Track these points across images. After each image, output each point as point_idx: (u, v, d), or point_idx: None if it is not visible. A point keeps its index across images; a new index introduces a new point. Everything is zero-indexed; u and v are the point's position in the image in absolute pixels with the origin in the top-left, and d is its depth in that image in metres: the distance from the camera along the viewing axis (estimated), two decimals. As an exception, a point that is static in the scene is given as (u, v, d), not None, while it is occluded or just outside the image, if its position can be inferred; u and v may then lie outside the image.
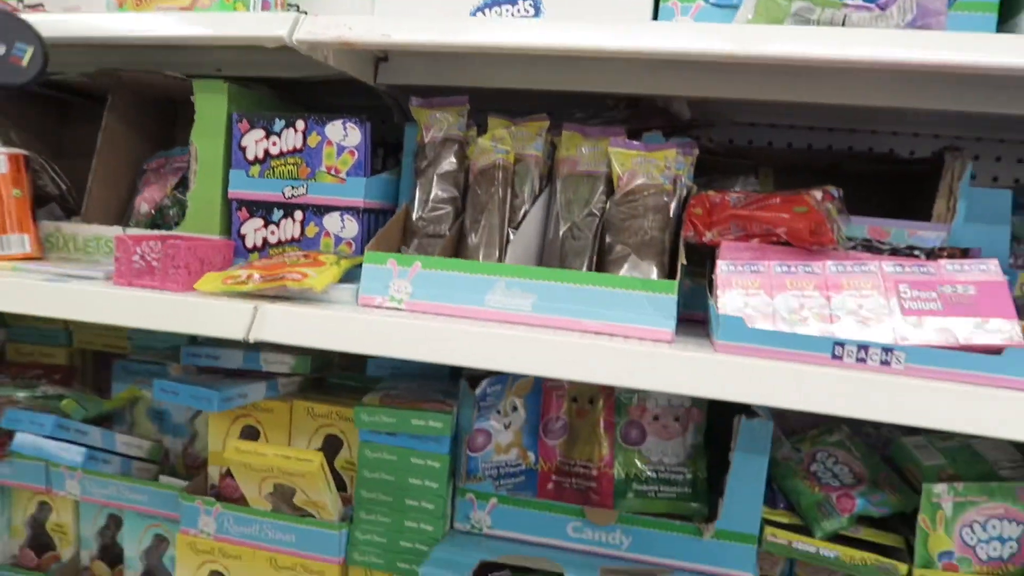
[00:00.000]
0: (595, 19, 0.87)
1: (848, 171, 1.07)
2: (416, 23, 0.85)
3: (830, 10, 0.80)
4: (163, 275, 0.90)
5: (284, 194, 1.00)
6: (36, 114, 1.29)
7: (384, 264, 0.86)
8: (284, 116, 1.00)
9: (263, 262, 0.94)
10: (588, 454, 1.00)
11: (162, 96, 1.18)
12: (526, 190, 0.96)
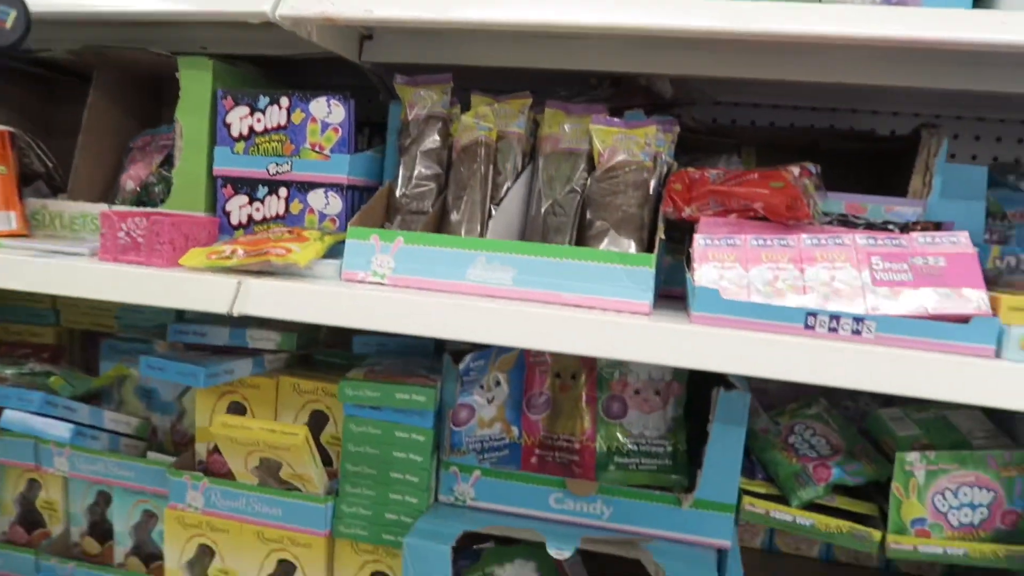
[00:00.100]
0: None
1: (829, 149, 1.08)
2: (399, -1, 0.86)
3: (808, -14, 0.80)
4: (148, 251, 0.90)
5: (269, 171, 1.00)
6: (22, 92, 1.29)
7: (367, 239, 0.87)
8: (268, 93, 1.01)
9: (247, 238, 0.95)
10: (571, 428, 1.02)
11: (148, 74, 1.18)
12: (509, 167, 0.97)
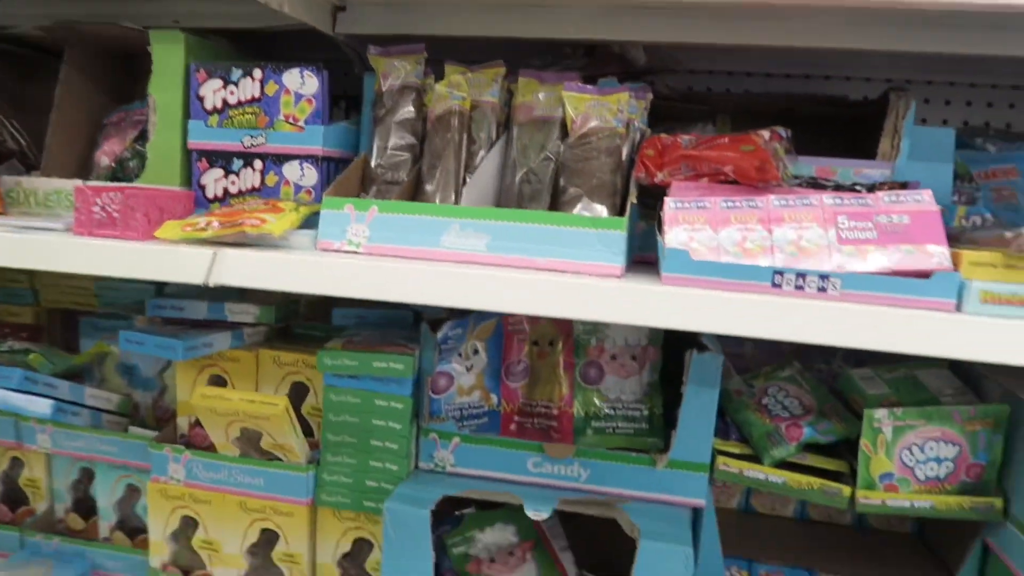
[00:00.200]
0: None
1: (803, 115, 1.09)
2: (368, -34, 0.86)
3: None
4: (123, 225, 0.90)
5: (243, 143, 1.00)
6: (-7, 70, 1.27)
7: (342, 209, 0.88)
8: (241, 66, 1.01)
9: (223, 210, 0.95)
10: (549, 394, 1.03)
11: (120, 49, 1.17)
12: (483, 136, 0.98)
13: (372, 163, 0.98)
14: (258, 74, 1.00)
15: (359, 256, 0.85)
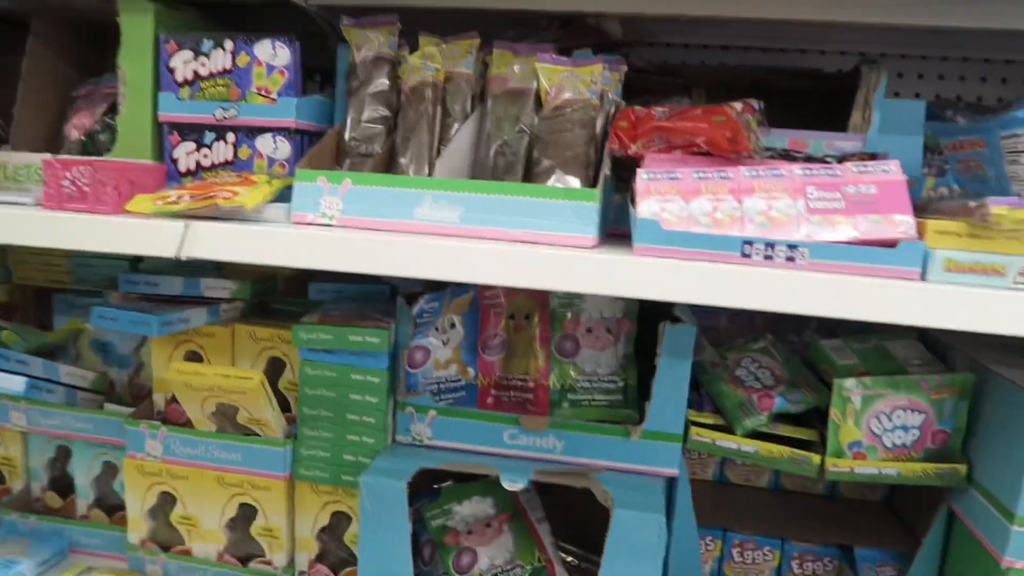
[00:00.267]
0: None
1: (777, 88, 1.09)
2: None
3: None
4: (94, 199, 0.89)
5: (215, 116, 0.99)
6: (-42, 44, 1.25)
7: (315, 181, 0.87)
8: (212, 36, 0.99)
9: (195, 183, 0.94)
10: (525, 367, 1.04)
11: (89, 21, 1.15)
12: (458, 109, 0.97)
13: (346, 136, 0.97)
14: (229, 45, 0.99)
15: (332, 229, 0.85)
